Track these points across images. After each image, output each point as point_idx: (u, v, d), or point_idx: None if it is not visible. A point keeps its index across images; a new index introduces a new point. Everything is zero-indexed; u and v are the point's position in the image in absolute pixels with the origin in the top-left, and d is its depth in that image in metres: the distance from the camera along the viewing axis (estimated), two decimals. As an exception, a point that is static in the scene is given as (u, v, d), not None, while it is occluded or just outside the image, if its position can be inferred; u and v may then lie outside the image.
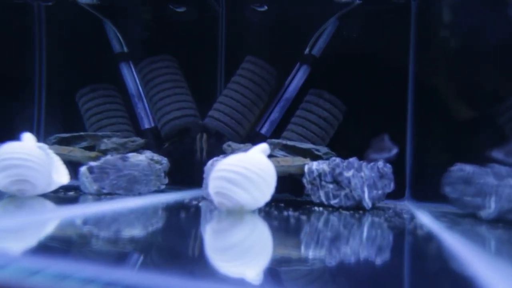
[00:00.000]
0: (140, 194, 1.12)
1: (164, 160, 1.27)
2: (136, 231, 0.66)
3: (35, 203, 0.85)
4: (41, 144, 0.94)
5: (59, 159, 0.98)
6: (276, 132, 1.51)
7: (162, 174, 1.21)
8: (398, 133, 1.50)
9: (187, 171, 1.47)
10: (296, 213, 0.89)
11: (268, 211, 0.87)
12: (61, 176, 0.94)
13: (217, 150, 1.48)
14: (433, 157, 1.45)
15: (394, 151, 0.88)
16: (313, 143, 1.38)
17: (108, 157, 1.05)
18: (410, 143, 1.51)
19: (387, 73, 1.51)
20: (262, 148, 0.87)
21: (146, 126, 1.47)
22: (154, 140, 1.44)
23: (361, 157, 1.13)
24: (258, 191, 0.78)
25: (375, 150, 0.89)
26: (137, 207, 0.88)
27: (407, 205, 1.31)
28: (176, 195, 1.17)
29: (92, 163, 1.02)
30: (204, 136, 1.42)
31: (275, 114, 1.50)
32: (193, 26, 1.62)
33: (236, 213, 0.80)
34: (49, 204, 0.86)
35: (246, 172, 0.77)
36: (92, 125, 1.43)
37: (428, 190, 1.35)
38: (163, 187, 1.20)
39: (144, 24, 1.62)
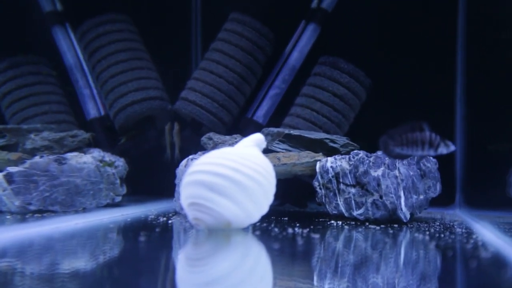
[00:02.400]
0: (85, 209, 1.09)
1: (120, 162, 1.24)
2: (81, 264, 0.63)
3: None
4: None
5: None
6: (275, 118, 1.49)
7: (118, 181, 1.18)
8: (444, 118, 1.48)
9: (152, 176, 1.44)
10: (305, 230, 0.86)
11: (266, 229, 0.85)
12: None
13: (194, 145, 1.46)
14: (491, 151, 1.44)
15: (445, 148, 0.84)
16: (327, 132, 1.36)
17: (37, 159, 1.02)
18: (461, 132, 1.50)
19: (429, 34, 1.49)
20: (256, 140, 0.84)
21: (93, 115, 1.44)
22: (104, 134, 1.41)
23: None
24: (251, 201, 0.76)
25: (405, 142, 0.86)
26: (81, 229, 0.86)
27: (458, 215, 1.30)
28: (137, 209, 1.14)
29: (12, 169, 0.99)
30: (176, 126, 1.39)
31: (274, 94, 1.47)
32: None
33: (220, 232, 0.78)
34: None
35: (234, 174, 0.74)
36: (13, 116, 1.39)
37: (486, 194, 1.34)
38: (119, 199, 1.17)
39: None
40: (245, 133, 1.43)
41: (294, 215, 1.12)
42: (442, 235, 0.88)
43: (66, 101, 1.47)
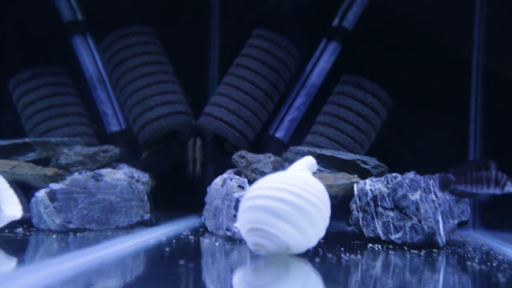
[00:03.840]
0: (117, 228, 1.07)
1: (146, 178, 1.23)
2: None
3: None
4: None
5: (4, 181, 0.92)
6: (295, 135, 1.49)
7: (145, 198, 1.17)
8: (459, 133, 1.51)
9: (174, 191, 1.42)
10: (353, 256, 0.87)
11: (315, 252, 0.85)
12: (11, 207, 0.88)
13: (217, 161, 1.45)
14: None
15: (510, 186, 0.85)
16: (350, 151, 1.36)
17: (76, 175, 0.99)
18: (477, 146, 1.52)
19: (446, 55, 1.52)
20: (308, 163, 0.84)
21: (114, 128, 1.42)
22: (125, 148, 1.39)
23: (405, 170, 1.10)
24: (311, 226, 0.76)
25: (469, 180, 0.87)
26: (132, 251, 0.83)
27: (479, 237, 1.32)
28: (169, 228, 1.13)
29: (54, 186, 0.96)
30: (198, 142, 1.38)
31: (295, 111, 1.47)
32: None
33: (273, 258, 0.77)
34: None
35: (296, 199, 0.74)
36: (35, 127, 1.36)
37: (501, 215, 1.37)
38: (147, 216, 1.15)
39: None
40: (267, 150, 1.44)
41: (328, 237, 1.12)
42: (479, 259, 0.89)
43: (86, 113, 1.44)
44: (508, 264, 0.87)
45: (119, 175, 1.07)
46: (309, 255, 0.83)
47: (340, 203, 1.21)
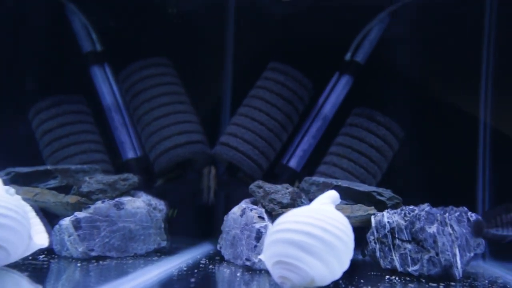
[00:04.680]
0: (135, 255, 1.07)
1: (162, 205, 1.23)
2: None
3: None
4: (8, 187, 0.89)
5: (31, 209, 0.93)
6: (307, 165, 1.51)
7: (163, 225, 1.17)
8: (468, 172, 1.52)
9: (188, 219, 1.43)
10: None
11: (342, 286, 0.85)
12: (39, 236, 0.88)
13: (230, 189, 1.46)
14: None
15: None
16: (363, 182, 1.38)
17: (99, 204, 1.00)
18: (485, 177, 1.54)
19: (455, 86, 1.55)
20: (331, 197, 0.86)
21: (130, 155, 1.43)
22: (141, 176, 1.40)
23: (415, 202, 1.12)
24: (337, 260, 0.76)
25: (500, 223, 0.89)
26: (155, 283, 0.83)
27: (490, 269, 1.32)
28: (187, 256, 1.13)
29: (79, 214, 0.97)
30: (212, 170, 1.39)
31: (308, 141, 1.49)
32: (193, 18, 1.61)
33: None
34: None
35: (323, 234, 0.75)
36: (52, 154, 1.37)
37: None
38: (164, 243, 1.16)
39: (126, 13, 1.59)
40: (280, 178, 1.45)
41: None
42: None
43: (102, 140, 1.46)
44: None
45: (139, 203, 1.08)
46: (331, 287, 0.84)
47: (355, 234, 1.22)
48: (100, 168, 1.24)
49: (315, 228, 0.76)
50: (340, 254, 0.77)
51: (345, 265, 0.80)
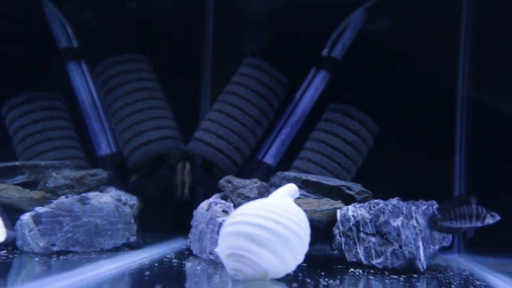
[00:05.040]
0: (102, 250, 1.07)
1: (133, 201, 1.23)
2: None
3: None
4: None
5: (-9, 204, 0.93)
6: (282, 160, 1.51)
7: (132, 221, 1.17)
8: (444, 165, 1.53)
9: (160, 214, 1.43)
10: (334, 281, 0.87)
11: (295, 278, 0.85)
12: (-4, 230, 0.89)
13: (205, 185, 1.46)
14: (494, 190, 1.48)
15: (492, 218, 0.90)
16: (337, 177, 1.37)
17: (62, 199, 1.00)
18: (461, 177, 1.54)
19: (432, 82, 1.55)
20: (290, 190, 0.86)
21: (104, 151, 1.43)
22: (115, 172, 1.40)
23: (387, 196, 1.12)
24: (290, 253, 0.76)
25: (453, 216, 0.91)
26: (109, 277, 0.84)
27: (462, 262, 1.32)
28: (154, 251, 1.13)
29: (39, 209, 0.97)
30: (187, 166, 1.39)
31: (283, 137, 1.49)
32: (170, 14, 1.61)
33: (253, 282, 0.78)
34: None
35: (276, 227, 0.75)
36: (26, 150, 1.37)
37: (486, 239, 1.37)
38: (133, 238, 1.16)
39: (102, 10, 1.59)
40: (255, 174, 1.45)
41: (312, 260, 1.12)
42: (457, 285, 0.89)
43: (77, 136, 1.46)
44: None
45: (106, 198, 1.08)
46: (289, 279, 0.84)
47: (326, 227, 1.22)
48: (71, 164, 1.24)
49: (268, 221, 0.76)
50: (293, 247, 0.77)
51: (300, 258, 0.80)
